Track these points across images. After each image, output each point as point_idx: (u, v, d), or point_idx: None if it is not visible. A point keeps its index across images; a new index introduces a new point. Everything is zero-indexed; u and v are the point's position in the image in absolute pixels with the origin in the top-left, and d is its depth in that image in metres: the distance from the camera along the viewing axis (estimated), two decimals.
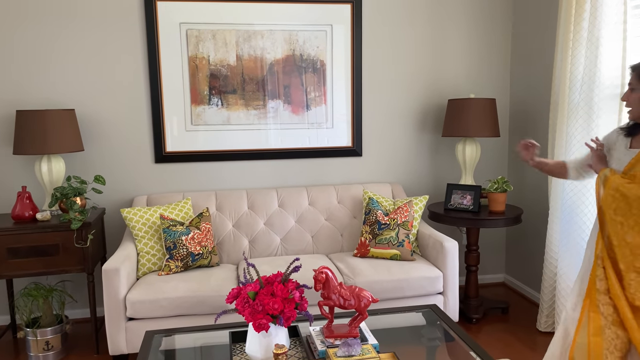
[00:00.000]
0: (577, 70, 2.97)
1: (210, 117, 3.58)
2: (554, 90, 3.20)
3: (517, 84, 3.92)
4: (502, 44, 3.95)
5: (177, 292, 2.80)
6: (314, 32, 3.63)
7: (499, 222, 3.34)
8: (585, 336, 2.01)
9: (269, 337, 1.93)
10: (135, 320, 2.80)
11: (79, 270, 3.04)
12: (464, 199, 3.52)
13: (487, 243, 4.16)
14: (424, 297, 3.09)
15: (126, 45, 3.44)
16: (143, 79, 3.49)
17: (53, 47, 3.35)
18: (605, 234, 2.01)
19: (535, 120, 3.71)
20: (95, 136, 3.48)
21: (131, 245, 3.13)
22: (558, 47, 3.14)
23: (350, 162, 3.84)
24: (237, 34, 3.53)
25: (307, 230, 3.51)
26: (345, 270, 3.11)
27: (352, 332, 2.12)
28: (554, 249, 3.20)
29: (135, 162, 3.56)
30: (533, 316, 3.54)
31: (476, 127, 3.46)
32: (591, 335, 1.99)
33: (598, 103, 2.88)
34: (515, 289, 4.05)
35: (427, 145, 3.94)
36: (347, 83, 3.73)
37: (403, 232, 3.23)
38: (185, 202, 3.33)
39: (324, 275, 2.08)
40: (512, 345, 3.16)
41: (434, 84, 3.89)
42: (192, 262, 3.09)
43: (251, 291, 1.94)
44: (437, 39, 3.85)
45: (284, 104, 3.66)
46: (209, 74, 3.54)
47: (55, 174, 3.20)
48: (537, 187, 3.73)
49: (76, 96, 3.42)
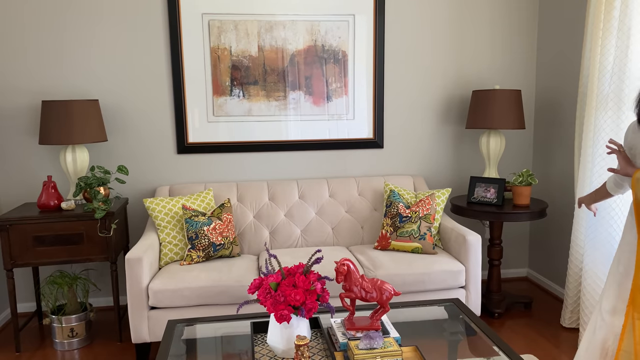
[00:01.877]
0: (607, 61, 2.89)
1: (231, 109, 3.59)
2: (582, 81, 3.12)
3: (543, 75, 3.83)
4: (528, 33, 3.86)
5: (198, 282, 2.82)
6: (336, 22, 3.60)
7: (523, 216, 3.28)
8: (632, 344, 1.95)
9: (290, 328, 1.93)
10: (157, 309, 2.83)
11: (102, 259, 3.08)
12: (487, 192, 3.47)
13: (510, 237, 4.10)
14: (446, 290, 3.06)
15: (149, 36, 3.46)
16: (165, 69, 3.51)
17: (77, 38, 3.38)
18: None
19: (562, 112, 3.63)
20: (118, 127, 3.51)
21: (154, 235, 3.16)
22: (587, 37, 3.05)
23: (372, 154, 3.81)
24: (259, 25, 3.52)
25: (327, 222, 3.50)
26: (366, 262, 3.09)
27: (373, 325, 2.10)
28: (579, 244, 3.13)
29: (158, 153, 3.58)
30: (557, 312, 3.48)
31: (501, 119, 3.40)
32: (638, 343, 1.93)
33: (628, 95, 2.80)
34: (539, 283, 3.99)
35: (450, 137, 3.89)
36: (368, 74, 3.69)
37: (425, 225, 3.20)
38: (207, 193, 3.35)
39: (346, 267, 2.06)
40: (536, 340, 3.11)
41: (458, 74, 3.83)
42: (214, 252, 3.10)
43: (273, 282, 1.94)
44: (461, 29, 3.78)
45: (305, 95, 3.64)
46: (230, 65, 3.53)
47: (79, 164, 3.24)
48: (563, 181, 3.66)
49: (100, 87, 3.46)
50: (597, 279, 2.97)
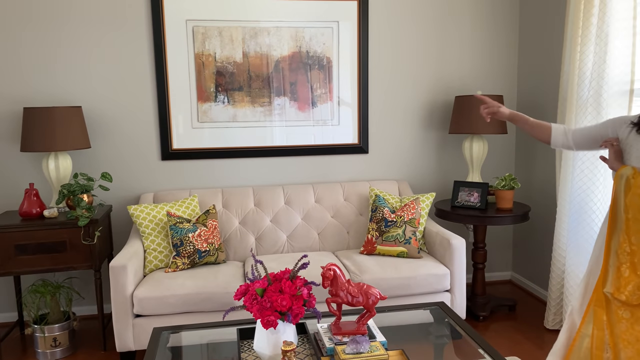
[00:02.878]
0: (585, 67, 2.95)
1: (216, 115, 3.58)
2: (562, 86, 3.18)
3: (524, 81, 3.90)
4: (509, 39, 3.93)
5: (184, 289, 2.81)
6: (321, 28, 3.62)
7: (506, 219, 3.32)
8: (590, 329, 2.03)
9: (277, 334, 1.93)
10: (142, 317, 2.80)
11: (86, 267, 3.05)
12: (471, 196, 3.50)
13: (494, 240, 4.14)
14: (431, 294, 3.08)
15: (133, 42, 3.44)
16: (149, 76, 3.49)
17: (60, 44, 3.36)
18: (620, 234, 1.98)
19: (543, 116, 3.69)
20: (102, 133, 3.49)
21: (138, 242, 3.13)
22: (566, 43, 3.11)
23: (357, 159, 3.83)
24: (244, 31, 3.53)
25: (313, 228, 3.50)
26: (352, 267, 3.10)
27: (360, 329, 2.11)
28: (561, 247, 3.18)
29: (142, 159, 3.56)
30: (540, 314, 3.53)
31: (483, 123, 3.44)
32: (595, 329, 2.01)
33: (607, 99, 2.86)
34: (523, 286, 4.03)
35: (434, 142, 3.93)
36: (353, 80, 3.72)
37: (410, 230, 3.22)
38: (191, 199, 3.33)
39: (332, 272, 2.07)
40: (520, 343, 3.15)
41: (441, 80, 3.87)
42: (199, 259, 3.09)
43: (259, 288, 1.94)
44: (443, 36, 3.83)
45: (290, 101, 3.65)
46: (215, 71, 3.53)
47: (62, 171, 3.20)
48: (545, 185, 3.71)
49: (83, 93, 3.43)
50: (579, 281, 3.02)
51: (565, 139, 2.28)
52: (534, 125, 2.35)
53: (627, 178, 1.95)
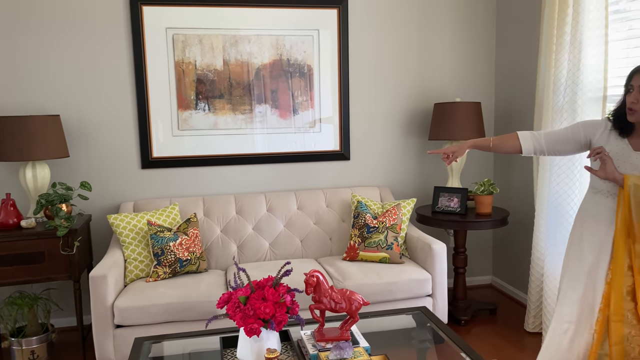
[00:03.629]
0: (560, 74, 3.02)
1: (197, 122, 3.57)
2: (538, 93, 3.25)
3: (501, 88, 3.97)
4: (486, 48, 4.00)
5: (165, 299, 2.78)
6: (301, 36, 3.64)
7: (486, 224, 3.37)
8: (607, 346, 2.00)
9: (260, 342, 1.92)
10: (123, 328, 2.77)
11: (65, 278, 3.00)
12: (451, 202, 3.55)
13: (474, 245, 4.19)
14: (413, 299, 3.10)
15: (112, 50, 3.42)
16: (129, 84, 3.47)
17: (37, 51, 3.32)
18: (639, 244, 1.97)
19: (520, 123, 3.76)
20: (80, 142, 3.45)
21: (118, 252, 3.10)
22: (542, 51, 3.19)
23: (339, 166, 3.85)
24: (224, 39, 3.53)
25: (296, 235, 3.51)
26: (334, 274, 3.11)
27: (343, 336, 2.12)
28: (540, 250, 3.23)
29: (122, 168, 3.53)
30: (521, 317, 3.57)
31: (462, 130, 3.49)
32: (613, 344, 1.99)
33: (582, 105, 2.93)
34: (503, 290, 4.08)
35: (414, 149, 3.97)
36: (334, 87, 3.74)
37: (392, 235, 3.25)
38: (172, 208, 3.31)
39: (315, 278, 2.07)
40: (501, 346, 3.18)
41: (420, 88, 3.92)
42: (180, 268, 3.07)
43: (242, 296, 1.94)
44: (423, 44, 3.88)
45: (271, 109, 3.66)
46: (195, 78, 3.52)
47: (40, 181, 3.16)
48: (522, 190, 3.78)
49: (61, 102, 3.39)
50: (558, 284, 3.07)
51: (537, 143, 2.25)
52: (500, 141, 2.30)
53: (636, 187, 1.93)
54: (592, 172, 2.11)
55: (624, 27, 2.78)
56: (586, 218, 2.19)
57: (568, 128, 2.23)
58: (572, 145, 2.21)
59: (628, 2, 2.76)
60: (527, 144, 2.26)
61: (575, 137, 2.20)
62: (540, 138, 2.26)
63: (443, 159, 2.40)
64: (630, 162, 2.02)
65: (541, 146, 2.26)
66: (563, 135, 2.22)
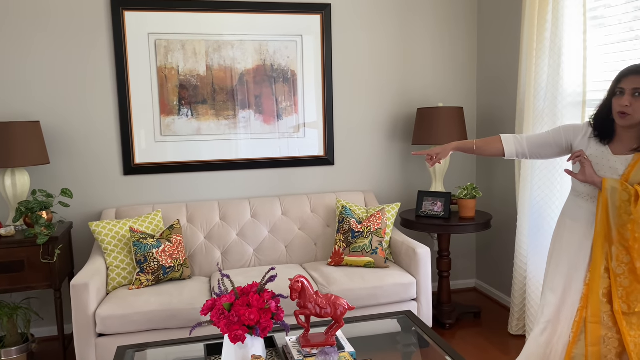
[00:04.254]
0: (541, 79, 3.06)
1: (180, 128, 3.55)
2: (519, 98, 3.29)
3: (483, 93, 4.01)
4: (468, 54, 4.05)
5: (149, 306, 2.75)
6: (284, 42, 3.65)
7: (469, 227, 3.39)
8: (583, 347, 2.02)
9: (245, 349, 1.91)
10: (105, 337, 2.73)
11: (45, 287, 2.95)
12: (434, 206, 3.57)
13: (458, 249, 4.22)
14: (398, 303, 3.11)
15: (93, 55, 3.38)
16: (111, 89, 3.43)
17: (17, 57, 3.27)
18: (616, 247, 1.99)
19: (502, 127, 3.80)
20: (61, 148, 3.40)
21: (100, 260, 3.05)
22: (522, 57, 3.23)
23: (323, 171, 3.85)
24: (207, 44, 3.52)
25: (280, 240, 3.49)
26: (319, 279, 3.10)
27: (328, 341, 2.11)
28: (523, 254, 3.27)
29: (104, 175, 3.49)
30: (504, 320, 3.60)
31: (445, 135, 3.52)
32: (590, 345, 2.00)
33: (562, 110, 2.97)
34: (487, 293, 4.11)
35: (398, 154, 3.99)
36: (318, 93, 3.75)
37: (376, 240, 3.25)
38: (155, 215, 3.28)
39: (300, 284, 2.07)
40: (485, 349, 3.20)
41: (404, 93, 3.95)
42: (164, 275, 3.03)
43: (226, 302, 1.92)
44: (406, 50, 3.91)
45: (255, 114, 3.65)
46: (178, 84, 3.50)
47: (19, 188, 3.10)
48: (505, 193, 3.82)
49: (41, 108, 3.34)
50: (541, 287, 3.10)
51: (520, 146, 2.27)
52: (483, 144, 2.33)
53: (619, 191, 1.95)
54: (572, 176, 2.13)
55: (602, 33, 2.84)
56: (567, 220, 2.22)
57: (550, 132, 2.25)
58: (554, 149, 2.24)
59: (606, 9, 2.81)
60: (510, 147, 2.29)
61: (557, 141, 2.23)
62: (523, 141, 2.28)
63: (427, 160, 2.42)
64: (609, 165, 2.04)
65: (523, 149, 2.28)
66: (545, 139, 2.25)
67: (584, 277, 2.11)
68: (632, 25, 2.67)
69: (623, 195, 1.95)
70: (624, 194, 1.94)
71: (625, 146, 2.02)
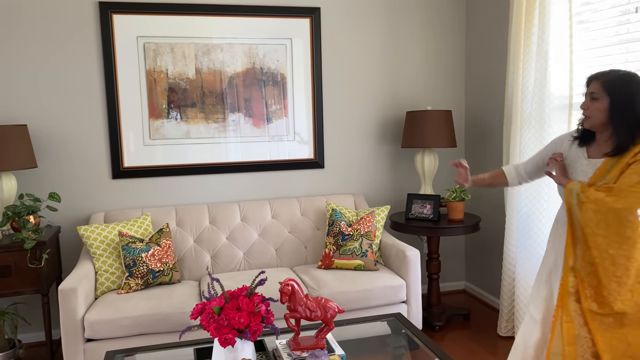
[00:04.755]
0: (528, 83, 3.09)
1: (169, 131, 3.53)
2: (507, 101, 3.32)
3: (471, 96, 4.05)
4: (456, 58, 4.08)
5: (138, 311, 2.73)
6: (274, 45, 3.65)
7: (458, 230, 3.41)
8: (560, 346, 2.05)
9: (235, 352, 1.90)
10: (94, 342, 2.71)
11: (32, 292, 2.92)
12: (424, 208, 3.58)
13: (447, 251, 4.24)
14: (388, 306, 3.12)
15: (81, 59, 3.36)
16: (99, 93, 3.42)
17: (3, 60, 3.24)
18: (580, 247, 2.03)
19: (489, 130, 3.83)
20: (49, 152, 3.37)
21: (89, 264, 3.03)
22: (510, 61, 3.26)
23: (313, 174, 3.86)
24: (196, 48, 3.51)
25: (270, 244, 3.49)
26: (310, 282, 3.10)
27: (319, 344, 2.11)
28: (511, 255, 3.29)
29: (92, 178, 3.46)
30: (493, 322, 3.62)
31: (434, 138, 3.54)
32: (566, 345, 2.02)
33: (549, 113, 3.00)
34: (476, 295, 4.14)
35: (387, 156, 4.01)
36: (307, 96, 3.76)
37: (366, 243, 3.26)
38: (144, 218, 3.26)
39: (290, 287, 2.07)
40: (475, 351, 3.22)
41: (393, 96, 3.97)
42: (153, 279, 3.02)
43: (216, 306, 1.92)
44: (395, 54, 3.94)
45: (244, 117, 3.65)
46: (167, 87, 3.49)
47: (6, 192, 3.07)
48: (493, 196, 3.84)
49: (29, 111, 3.31)
50: (529, 289, 3.13)
51: (518, 175, 2.40)
52: (490, 178, 2.47)
53: (577, 193, 2.00)
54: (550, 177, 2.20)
55: (588, 37, 2.88)
56: (554, 222, 2.26)
57: (538, 153, 2.34)
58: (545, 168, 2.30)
59: (592, 13, 2.85)
60: (512, 180, 2.43)
61: (544, 161, 2.28)
62: (520, 171, 2.40)
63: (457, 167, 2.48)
64: (581, 169, 2.09)
65: (523, 178, 2.41)
66: (535, 162, 2.35)
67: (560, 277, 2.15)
68: (617, 29, 2.71)
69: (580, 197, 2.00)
70: (581, 196, 2.00)
71: (601, 150, 2.06)
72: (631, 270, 1.91)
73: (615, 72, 1.98)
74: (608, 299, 1.95)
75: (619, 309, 1.93)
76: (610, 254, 1.92)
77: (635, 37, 2.62)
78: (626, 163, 1.92)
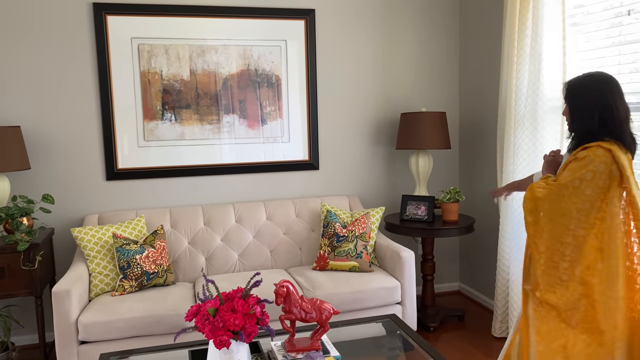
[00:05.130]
0: (521, 85, 3.11)
1: (163, 133, 3.53)
2: (500, 103, 3.34)
3: (466, 98, 4.06)
4: (450, 60, 4.09)
5: (132, 313, 2.72)
6: (269, 47, 3.65)
7: (452, 231, 3.42)
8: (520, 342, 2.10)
9: (230, 354, 1.90)
10: (88, 344, 2.69)
11: (26, 294, 2.91)
12: (418, 210, 3.59)
13: (441, 252, 4.25)
14: (383, 307, 3.12)
15: (75, 60, 3.35)
16: (93, 94, 3.40)
17: None
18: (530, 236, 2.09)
19: (483, 132, 3.85)
20: (43, 154, 3.36)
21: (82, 266, 3.02)
22: (503, 63, 3.28)
23: (308, 176, 3.86)
24: (191, 49, 3.51)
25: (265, 245, 3.49)
26: (304, 284, 3.10)
27: (314, 345, 2.11)
28: (505, 257, 3.31)
29: (86, 180, 3.45)
30: (488, 323, 3.64)
31: (428, 139, 3.55)
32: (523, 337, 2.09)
33: (542, 115, 3.02)
34: (470, 296, 4.15)
35: (382, 158, 4.01)
36: (302, 97, 3.76)
37: (361, 244, 3.27)
38: (138, 220, 3.25)
39: (285, 289, 2.07)
40: (469, 352, 3.23)
41: (387, 98, 3.98)
42: (147, 281, 3.01)
43: (211, 308, 1.91)
44: (389, 56, 3.95)
45: (239, 119, 3.65)
46: (161, 89, 3.49)
47: None
48: (488, 197, 3.86)
49: (22, 113, 3.30)
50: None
51: None
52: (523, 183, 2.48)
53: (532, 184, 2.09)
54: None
55: (581, 39, 2.90)
56: None
57: None
58: None
59: (585, 16, 2.87)
60: None
61: None
62: None
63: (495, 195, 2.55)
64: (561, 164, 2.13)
65: None
66: None
67: None
68: (609, 32, 2.73)
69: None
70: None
71: None
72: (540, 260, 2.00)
73: (577, 77, 2.03)
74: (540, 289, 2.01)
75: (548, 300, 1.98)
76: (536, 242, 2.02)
77: (627, 40, 2.64)
78: (569, 161, 1.99)
